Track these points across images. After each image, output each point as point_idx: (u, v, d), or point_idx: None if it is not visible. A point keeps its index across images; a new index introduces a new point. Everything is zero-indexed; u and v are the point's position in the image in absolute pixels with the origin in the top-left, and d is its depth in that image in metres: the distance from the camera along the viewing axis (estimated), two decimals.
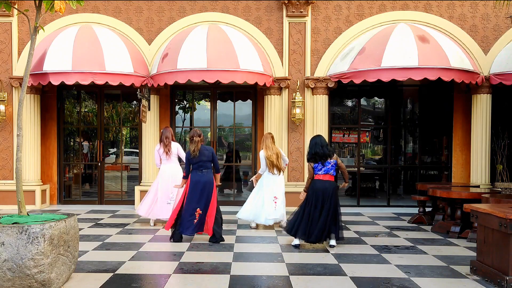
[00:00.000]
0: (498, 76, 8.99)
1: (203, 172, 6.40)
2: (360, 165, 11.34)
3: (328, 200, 6.00)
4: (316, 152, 6.03)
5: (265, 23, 9.53)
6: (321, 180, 6.05)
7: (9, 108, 9.51)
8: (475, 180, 9.29)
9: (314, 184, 6.08)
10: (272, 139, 7.43)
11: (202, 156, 6.40)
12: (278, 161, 7.31)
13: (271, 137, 7.44)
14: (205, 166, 6.42)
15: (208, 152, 6.45)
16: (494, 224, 4.54)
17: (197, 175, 6.41)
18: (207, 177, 6.41)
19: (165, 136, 7.50)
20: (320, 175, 6.06)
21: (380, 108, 12.21)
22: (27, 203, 7.46)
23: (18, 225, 4.02)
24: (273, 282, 4.66)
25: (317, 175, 6.08)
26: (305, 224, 6.05)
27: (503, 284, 4.37)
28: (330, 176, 6.07)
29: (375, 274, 4.95)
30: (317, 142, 6.10)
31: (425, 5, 9.44)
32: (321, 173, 6.05)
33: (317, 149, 6.03)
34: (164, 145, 7.48)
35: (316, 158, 6.05)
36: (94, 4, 9.56)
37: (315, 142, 6.11)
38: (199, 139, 6.41)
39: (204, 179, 6.38)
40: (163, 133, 7.56)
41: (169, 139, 7.50)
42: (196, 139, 6.38)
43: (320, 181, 6.05)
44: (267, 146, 7.35)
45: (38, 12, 4.63)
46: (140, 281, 4.73)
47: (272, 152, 7.30)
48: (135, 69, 9.04)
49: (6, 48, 9.55)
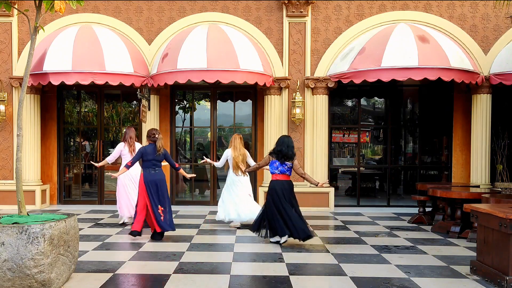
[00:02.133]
0: (498, 76, 8.99)
1: (156, 171, 6.52)
2: (360, 165, 11.34)
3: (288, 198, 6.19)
4: (281, 151, 6.22)
5: (265, 23, 9.53)
6: (278, 180, 6.26)
7: (9, 108, 9.51)
8: (475, 180, 9.29)
9: (273, 185, 6.28)
10: (240, 140, 7.61)
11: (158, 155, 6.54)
12: (243, 163, 7.50)
13: (239, 138, 7.62)
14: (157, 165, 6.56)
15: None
16: (494, 224, 4.54)
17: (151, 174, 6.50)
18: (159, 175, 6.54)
19: (129, 136, 7.61)
20: (279, 175, 6.26)
21: (380, 108, 12.21)
22: (27, 203, 7.45)
23: (18, 225, 4.02)
24: (273, 282, 4.66)
25: (275, 175, 6.30)
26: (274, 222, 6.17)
27: (503, 284, 4.37)
28: (287, 176, 6.29)
29: (375, 274, 4.95)
30: (285, 141, 6.28)
31: (425, 5, 9.44)
32: (278, 172, 6.27)
33: (283, 148, 6.22)
34: (129, 144, 7.57)
35: (279, 156, 6.23)
36: (94, 4, 9.56)
37: (283, 141, 6.29)
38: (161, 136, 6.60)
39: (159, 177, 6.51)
40: (126, 133, 7.67)
41: (133, 139, 7.61)
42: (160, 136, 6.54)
43: (278, 181, 6.26)
44: (235, 146, 7.53)
45: (38, 12, 4.63)
46: (140, 281, 4.73)
47: (239, 153, 7.49)
48: (135, 69, 9.04)
49: (6, 48, 9.55)
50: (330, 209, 9.44)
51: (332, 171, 11.20)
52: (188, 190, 11.01)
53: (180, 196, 10.70)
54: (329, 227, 7.82)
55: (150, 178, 6.46)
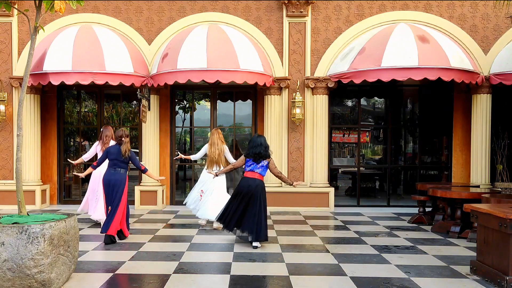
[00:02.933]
0: (498, 76, 8.99)
1: (116, 170, 6.45)
2: (360, 165, 11.34)
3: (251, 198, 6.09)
4: (259, 153, 6.14)
5: (265, 23, 9.53)
6: (247, 177, 6.20)
7: (9, 108, 9.51)
8: (475, 180, 9.29)
9: (241, 181, 6.28)
10: (219, 135, 7.42)
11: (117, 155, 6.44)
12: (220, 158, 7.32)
13: (217, 133, 7.46)
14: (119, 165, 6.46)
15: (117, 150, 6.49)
16: (494, 224, 4.54)
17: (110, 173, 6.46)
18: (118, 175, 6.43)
19: (105, 135, 7.55)
20: (249, 172, 6.21)
21: (380, 108, 12.21)
22: (27, 203, 7.45)
23: (18, 225, 4.02)
24: (273, 282, 4.66)
25: (246, 172, 6.24)
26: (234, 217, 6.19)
27: (503, 284, 4.37)
28: (259, 175, 6.18)
29: (375, 274, 4.95)
30: (262, 143, 6.18)
31: (425, 5, 9.44)
32: (249, 170, 6.21)
33: (261, 150, 6.13)
34: (103, 143, 7.49)
35: (256, 157, 6.17)
36: (94, 4, 9.57)
37: (260, 143, 6.18)
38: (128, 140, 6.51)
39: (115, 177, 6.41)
40: (103, 132, 7.60)
41: (109, 138, 7.52)
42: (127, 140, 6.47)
43: (246, 178, 6.20)
44: (212, 142, 7.38)
45: (38, 12, 4.63)
46: (140, 281, 4.73)
47: (215, 149, 7.33)
48: (135, 69, 9.04)
49: (6, 48, 9.55)
50: (330, 209, 9.44)
51: (332, 171, 11.19)
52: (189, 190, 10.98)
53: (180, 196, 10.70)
54: (329, 227, 7.82)
55: (106, 177, 6.43)
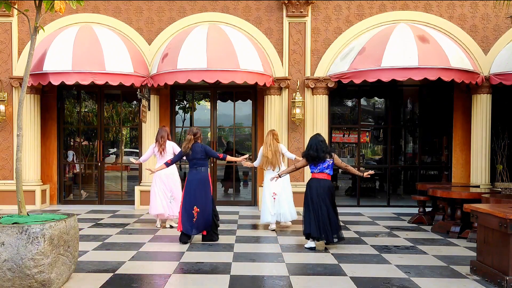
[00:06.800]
0: (498, 76, 8.99)
1: (197, 170, 6.45)
2: (360, 165, 11.33)
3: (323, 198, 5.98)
4: (309, 154, 6.08)
5: (265, 23, 9.53)
6: (316, 178, 6.08)
7: (9, 108, 9.51)
8: (475, 180, 9.29)
9: (309, 182, 6.15)
10: (273, 136, 7.42)
11: (195, 154, 6.43)
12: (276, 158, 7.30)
13: (272, 134, 7.45)
14: (199, 164, 6.45)
15: (200, 149, 6.46)
16: (494, 224, 4.54)
17: (192, 173, 6.46)
18: (201, 175, 6.44)
19: (160, 136, 7.54)
20: (316, 173, 6.10)
21: (380, 108, 12.21)
22: (27, 203, 7.43)
23: (18, 225, 4.02)
24: (273, 282, 4.66)
25: (313, 174, 6.15)
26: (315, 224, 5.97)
27: (503, 284, 4.37)
28: (326, 175, 6.07)
29: (375, 274, 4.95)
30: (313, 145, 6.07)
31: (425, 5, 9.44)
32: (316, 171, 6.10)
33: (311, 151, 6.05)
34: (159, 144, 7.51)
35: (309, 159, 6.10)
36: (94, 4, 9.56)
37: (310, 145, 6.11)
38: (191, 137, 6.47)
39: (198, 177, 6.41)
40: (158, 133, 7.61)
41: (164, 139, 7.52)
42: (188, 137, 6.49)
43: (315, 179, 6.09)
44: (265, 143, 7.42)
45: (38, 12, 4.63)
46: (140, 281, 4.73)
47: (268, 149, 7.32)
48: (135, 69, 9.04)
49: (6, 48, 9.55)
50: None
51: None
52: None
53: None
54: None
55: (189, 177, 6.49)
